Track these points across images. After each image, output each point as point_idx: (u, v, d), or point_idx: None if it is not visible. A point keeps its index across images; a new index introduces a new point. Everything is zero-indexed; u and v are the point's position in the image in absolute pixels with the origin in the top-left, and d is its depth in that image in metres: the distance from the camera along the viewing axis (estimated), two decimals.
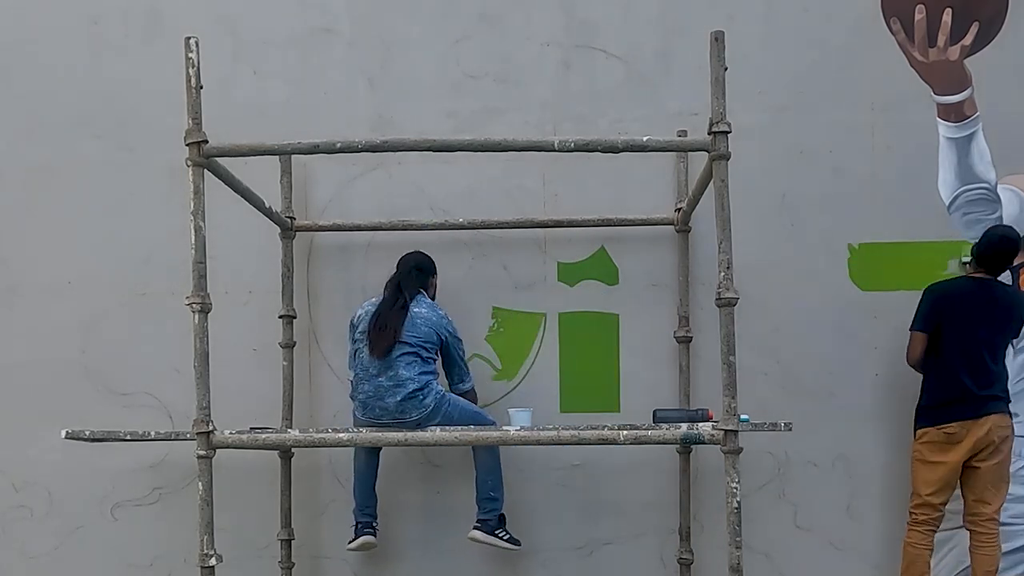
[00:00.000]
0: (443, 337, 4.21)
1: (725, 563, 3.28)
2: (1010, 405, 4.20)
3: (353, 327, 4.27)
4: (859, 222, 4.50)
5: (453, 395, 4.27)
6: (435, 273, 4.41)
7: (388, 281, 4.30)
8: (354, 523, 4.33)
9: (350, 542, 4.31)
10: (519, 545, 4.36)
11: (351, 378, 4.25)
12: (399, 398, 4.07)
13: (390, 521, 4.56)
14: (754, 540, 4.38)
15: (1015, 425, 4.23)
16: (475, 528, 4.30)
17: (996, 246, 4.02)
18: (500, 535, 4.31)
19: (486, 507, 4.32)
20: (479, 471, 4.34)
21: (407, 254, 4.39)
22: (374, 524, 4.34)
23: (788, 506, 4.61)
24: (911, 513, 4.21)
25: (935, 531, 4.16)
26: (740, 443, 3.25)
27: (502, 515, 4.35)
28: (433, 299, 4.37)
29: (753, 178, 4.41)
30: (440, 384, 4.23)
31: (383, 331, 4.12)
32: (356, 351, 4.22)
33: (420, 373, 4.12)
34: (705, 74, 3.26)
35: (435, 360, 4.23)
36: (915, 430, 4.25)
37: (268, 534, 4.52)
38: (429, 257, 4.40)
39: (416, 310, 4.17)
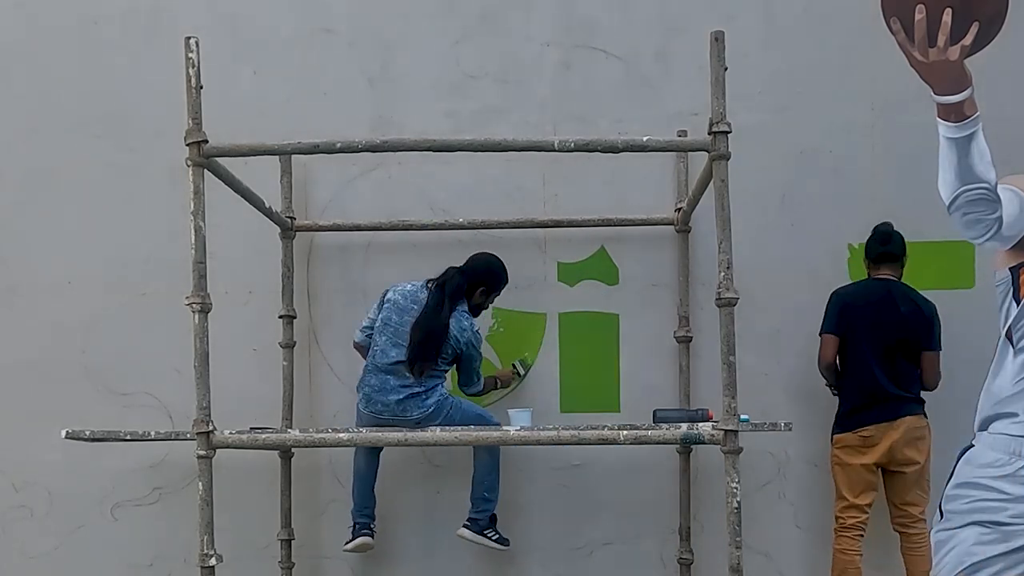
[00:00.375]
0: (464, 351, 4.20)
1: (725, 563, 3.28)
2: (1008, 405, 4.19)
3: (386, 307, 4.20)
4: (859, 222, 4.50)
5: (457, 397, 4.27)
6: (489, 282, 4.31)
7: (438, 280, 4.22)
8: (352, 523, 4.34)
9: (347, 543, 4.31)
10: (507, 545, 4.36)
11: (358, 340, 4.28)
12: (402, 396, 4.08)
13: (390, 521, 4.56)
14: (754, 540, 4.38)
15: (1015, 425, 4.22)
16: (464, 526, 4.29)
17: (877, 241, 4.24)
18: (489, 535, 4.31)
19: (479, 506, 4.32)
20: (478, 470, 4.34)
21: (478, 254, 4.35)
22: (372, 525, 4.34)
23: (788, 506, 4.61)
24: (838, 519, 4.21)
25: (863, 535, 4.18)
26: (740, 443, 3.25)
27: (493, 515, 4.35)
28: (477, 309, 4.31)
29: (753, 178, 4.40)
30: (446, 386, 4.24)
31: (425, 347, 4.07)
32: (380, 330, 4.16)
33: (428, 376, 4.12)
34: (705, 74, 3.26)
35: (448, 366, 4.24)
36: (832, 436, 4.27)
37: (268, 534, 4.51)
38: (490, 265, 4.32)
39: (451, 322, 4.13)
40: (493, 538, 4.32)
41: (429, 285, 4.22)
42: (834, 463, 4.26)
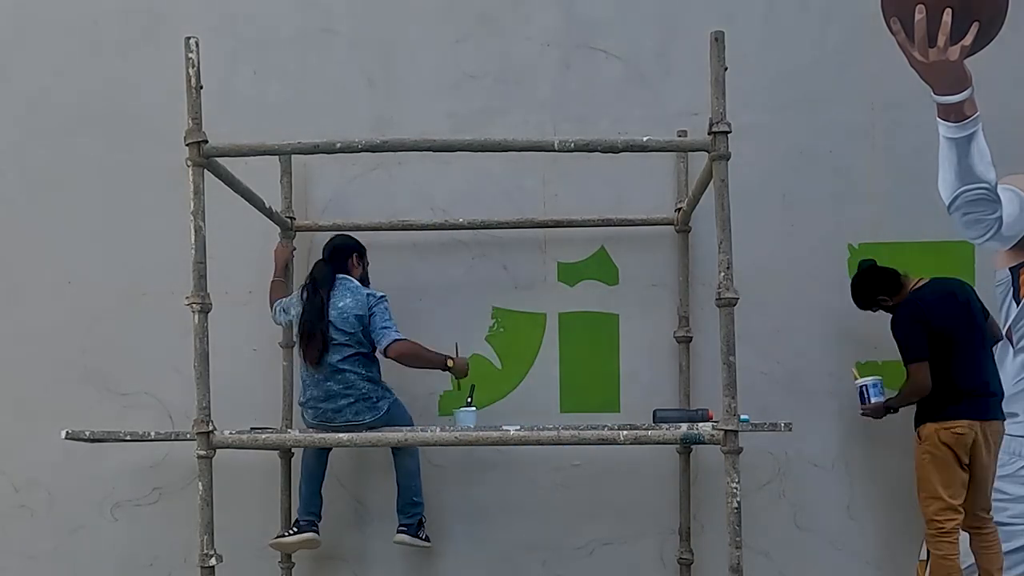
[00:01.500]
0: (368, 312, 4.13)
1: (725, 563, 3.28)
2: (1008, 405, 4.20)
3: (291, 327, 4.30)
4: (859, 222, 4.50)
5: (401, 402, 4.27)
6: (358, 251, 4.34)
7: (307, 276, 4.27)
8: (295, 520, 4.32)
9: (281, 536, 4.27)
10: (430, 543, 4.39)
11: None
12: (352, 400, 4.09)
13: (390, 521, 4.55)
14: (754, 540, 4.37)
15: (1015, 425, 4.23)
16: (401, 532, 4.30)
17: (870, 272, 4.27)
18: (421, 536, 4.33)
19: (409, 512, 4.32)
20: (402, 477, 4.33)
21: (326, 243, 4.36)
22: (317, 524, 4.31)
23: (788, 506, 4.61)
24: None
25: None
26: (740, 443, 3.25)
27: (422, 519, 4.36)
28: (363, 277, 4.32)
29: (753, 178, 4.40)
30: (388, 387, 4.25)
31: (312, 338, 4.11)
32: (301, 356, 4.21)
33: (368, 377, 4.13)
34: (705, 74, 3.25)
35: (364, 347, 4.16)
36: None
37: (268, 534, 4.51)
38: (346, 237, 4.36)
39: (341, 304, 4.13)
40: (424, 539, 4.34)
41: (303, 292, 4.23)
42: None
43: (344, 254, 4.31)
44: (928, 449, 4.05)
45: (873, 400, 4.25)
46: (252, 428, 4.03)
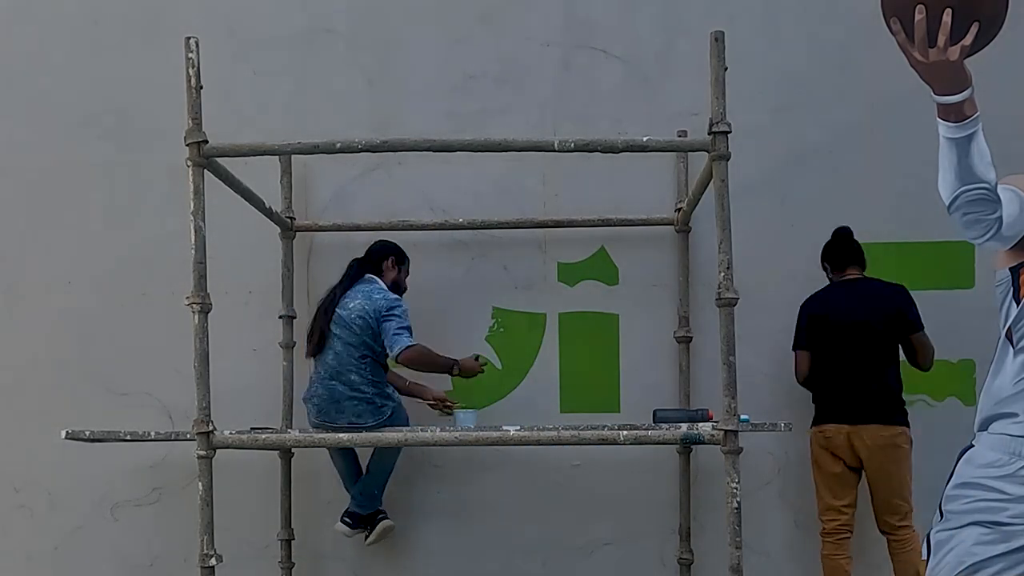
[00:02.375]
0: (376, 316, 4.10)
1: (725, 563, 3.28)
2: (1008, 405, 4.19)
3: None
4: (859, 222, 4.50)
5: (402, 409, 4.24)
6: (396, 255, 4.33)
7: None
8: (364, 515, 4.33)
9: (367, 536, 4.33)
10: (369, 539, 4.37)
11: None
12: (355, 402, 4.09)
13: (390, 521, 4.56)
14: (754, 540, 4.38)
15: (1015, 425, 4.21)
16: (343, 522, 4.30)
17: (831, 240, 4.31)
18: (364, 528, 4.32)
19: (364, 503, 4.31)
20: (375, 469, 4.31)
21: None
22: (383, 511, 4.36)
23: (788, 506, 4.61)
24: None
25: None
26: (740, 443, 3.25)
27: (373, 514, 4.35)
28: (396, 284, 4.31)
29: (753, 178, 4.41)
30: (392, 393, 4.24)
31: (312, 331, 4.22)
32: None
33: (372, 381, 4.12)
34: (705, 74, 3.26)
35: (368, 351, 4.14)
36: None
37: (268, 534, 4.51)
38: (387, 241, 4.36)
39: (352, 304, 4.14)
40: (366, 531, 4.33)
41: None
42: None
43: (379, 256, 4.33)
44: (811, 451, 4.28)
45: None
46: (252, 428, 4.03)
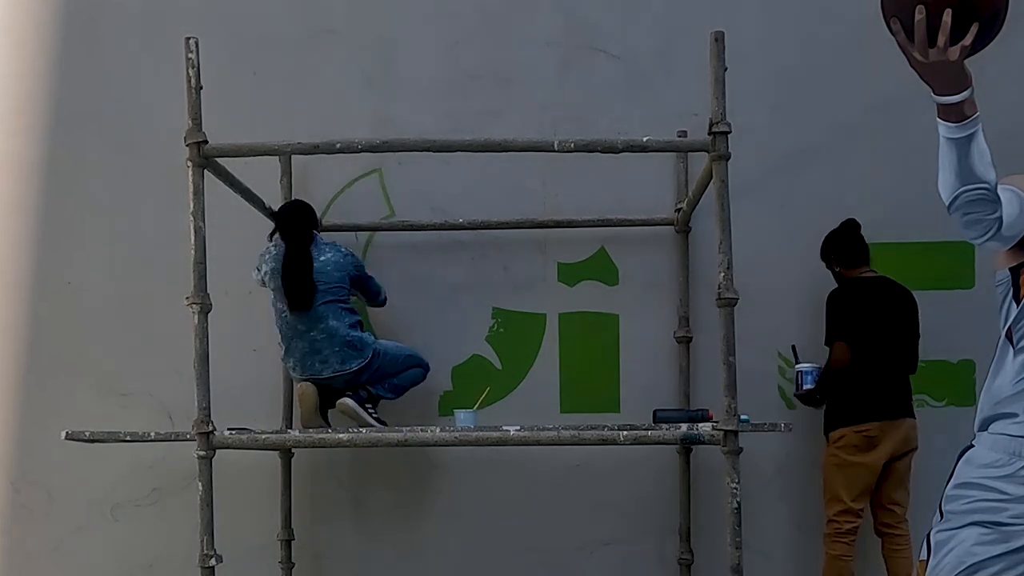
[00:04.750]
0: (353, 276, 4.21)
1: (725, 563, 3.28)
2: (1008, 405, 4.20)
3: (264, 285, 4.24)
4: (859, 222, 4.50)
5: (381, 341, 4.28)
6: (313, 212, 4.35)
7: (277, 234, 4.24)
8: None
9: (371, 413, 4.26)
10: (385, 425, 4.24)
11: (280, 340, 4.23)
12: (336, 348, 4.11)
13: (390, 521, 4.56)
14: (754, 540, 4.37)
15: (1015, 425, 4.21)
16: (348, 397, 4.21)
17: (843, 235, 4.29)
18: (369, 410, 4.24)
19: (377, 387, 4.25)
20: (402, 378, 4.29)
21: (282, 209, 4.30)
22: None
23: (788, 506, 4.61)
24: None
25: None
26: (740, 443, 3.25)
27: (379, 397, 4.30)
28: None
29: (753, 178, 4.40)
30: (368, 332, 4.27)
31: (299, 283, 4.09)
32: (280, 311, 4.19)
33: (350, 325, 4.16)
34: (705, 74, 3.26)
35: (353, 304, 4.25)
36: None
37: (268, 534, 4.51)
38: (299, 201, 4.35)
39: (323, 257, 4.16)
40: (373, 416, 4.24)
41: (272, 239, 4.25)
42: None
43: (311, 215, 4.30)
44: (835, 452, 4.18)
45: (805, 387, 4.28)
46: (249, 428, 4.02)
